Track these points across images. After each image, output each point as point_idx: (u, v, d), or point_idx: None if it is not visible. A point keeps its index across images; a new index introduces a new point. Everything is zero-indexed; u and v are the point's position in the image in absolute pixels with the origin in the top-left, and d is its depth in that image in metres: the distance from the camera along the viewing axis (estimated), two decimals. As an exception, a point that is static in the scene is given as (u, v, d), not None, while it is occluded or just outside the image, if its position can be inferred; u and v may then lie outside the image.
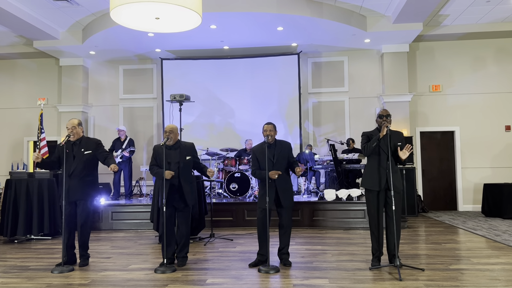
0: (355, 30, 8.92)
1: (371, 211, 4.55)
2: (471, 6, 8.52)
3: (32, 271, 4.64)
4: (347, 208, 7.47)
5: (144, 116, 10.92)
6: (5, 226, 6.57)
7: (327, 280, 4.11)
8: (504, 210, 8.37)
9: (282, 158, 4.68)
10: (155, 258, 5.21)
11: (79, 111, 10.59)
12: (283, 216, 4.68)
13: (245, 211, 7.59)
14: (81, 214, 4.72)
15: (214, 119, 10.53)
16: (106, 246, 6.10)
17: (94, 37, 9.16)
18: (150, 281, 4.16)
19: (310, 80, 10.57)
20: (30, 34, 9.15)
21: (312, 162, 8.94)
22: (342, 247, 5.72)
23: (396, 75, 9.91)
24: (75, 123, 4.76)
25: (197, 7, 5.12)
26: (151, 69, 10.95)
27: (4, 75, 11.22)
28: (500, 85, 10.09)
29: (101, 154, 4.83)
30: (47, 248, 6.02)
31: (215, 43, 9.79)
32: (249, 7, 8.02)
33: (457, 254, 5.17)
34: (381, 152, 4.50)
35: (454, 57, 10.24)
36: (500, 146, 9.99)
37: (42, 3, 8.13)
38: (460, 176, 10.04)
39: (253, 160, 4.81)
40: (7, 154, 11.09)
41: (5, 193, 6.68)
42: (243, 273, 4.40)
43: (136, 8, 5.08)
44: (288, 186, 4.71)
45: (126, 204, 7.82)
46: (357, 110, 10.39)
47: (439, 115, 10.19)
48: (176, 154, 4.74)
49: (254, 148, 4.82)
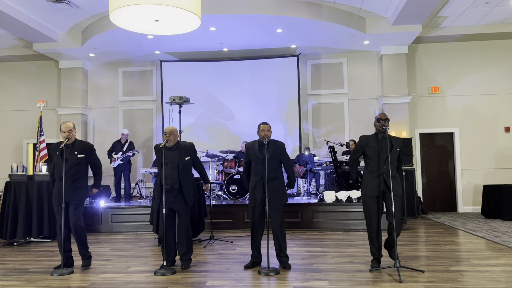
0: (354, 31, 8.94)
1: (368, 214, 4.52)
2: (470, 7, 8.54)
3: (31, 274, 4.64)
4: (346, 210, 7.46)
5: (143, 118, 10.92)
6: (4, 229, 6.56)
7: (327, 282, 4.10)
8: (504, 211, 8.36)
9: (274, 158, 4.67)
10: (155, 261, 5.20)
11: (79, 114, 10.58)
12: (272, 216, 4.63)
13: (244, 213, 7.59)
14: (73, 215, 4.69)
15: (213, 121, 10.53)
16: (105, 248, 6.09)
17: (94, 40, 9.17)
18: (150, 284, 4.15)
19: (309, 81, 10.58)
20: (29, 36, 9.15)
21: (312, 163, 8.94)
22: (342, 249, 5.72)
23: (395, 76, 9.92)
24: (71, 127, 4.77)
25: (196, 9, 5.13)
26: (150, 71, 10.96)
27: (4, 78, 11.22)
28: (499, 86, 10.10)
29: (93, 163, 4.90)
30: (47, 251, 6.01)
31: (215, 45, 9.80)
32: (248, 9, 8.03)
33: (457, 255, 5.17)
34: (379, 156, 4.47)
35: (453, 59, 10.25)
36: (499, 147, 9.99)
37: (41, 5, 8.14)
38: (459, 178, 10.04)
39: (245, 156, 4.83)
40: (7, 156, 11.08)
41: (4, 195, 6.68)
42: (243, 276, 4.40)
43: (135, 10, 5.09)
44: (277, 186, 4.66)
45: (125, 206, 7.81)
46: (357, 111, 10.40)
47: (439, 117, 10.20)
48: (175, 155, 4.74)
49: (248, 145, 4.81)
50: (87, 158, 4.81)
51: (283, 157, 4.74)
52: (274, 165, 4.68)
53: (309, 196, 8.82)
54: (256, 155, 4.68)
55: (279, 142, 4.81)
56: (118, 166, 9.17)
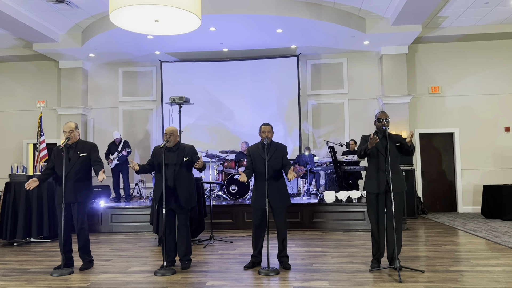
0: (354, 32, 8.94)
1: (371, 213, 4.56)
2: (470, 7, 8.54)
3: (31, 274, 4.64)
4: (346, 210, 7.46)
5: (143, 119, 10.92)
6: (4, 229, 6.56)
7: (327, 282, 4.10)
8: (504, 211, 8.37)
9: (275, 159, 4.70)
10: (155, 261, 5.20)
11: (79, 114, 10.58)
12: (275, 218, 4.69)
13: (244, 213, 7.58)
14: (77, 217, 4.69)
15: (213, 121, 10.53)
16: (105, 248, 6.09)
17: (94, 40, 9.17)
18: (150, 284, 4.15)
19: (309, 82, 10.58)
20: (29, 36, 9.15)
21: (312, 164, 8.94)
22: (342, 249, 5.72)
23: (395, 77, 9.92)
24: (72, 127, 4.76)
25: (196, 9, 5.13)
26: (150, 71, 10.96)
27: (4, 78, 11.22)
28: (499, 86, 10.10)
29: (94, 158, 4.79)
30: (47, 251, 6.01)
31: (215, 45, 9.80)
32: (248, 9, 8.03)
33: (457, 255, 5.17)
34: (379, 155, 4.52)
35: (453, 59, 10.25)
36: (499, 147, 9.99)
37: (41, 5, 8.14)
38: (459, 178, 10.04)
39: (248, 159, 4.85)
40: (7, 157, 11.08)
41: (4, 196, 6.68)
42: (242, 276, 4.39)
43: (135, 10, 5.09)
44: (279, 188, 4.70)
45: (125, 206, 7.81)
46: (357, 112, 10.40)
47: (439, 117, 10.20)
48: (174, 156, 4.74)
49: (251, 147, 4.86)
50: (89, 155, 4.78)
51: (284, 159, 4.75)
52: (276, 166, 4.70)
53: (309, 196, 8.82)
54: (259, 156, 4.70)
55: (281, 144, 4.85)
56: (115, 166, 9.22)
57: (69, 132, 4.74)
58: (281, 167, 4.74)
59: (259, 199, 4.65)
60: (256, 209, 4.68)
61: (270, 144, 4.73)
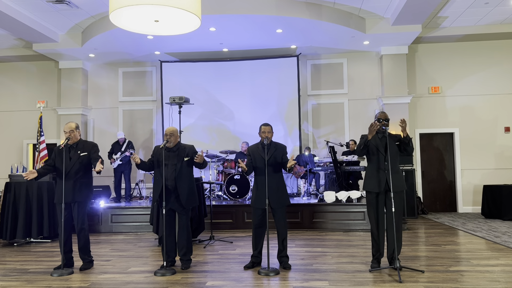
0: (354, 32, 8.94)
1: (371, 212, 4.56)
2: (470, 7, 8.54)
3: (31, 274, 4.64)
4: (346, 210, 7.46)
5: (143, 119, 10.92)
6: (4, 229, 6.56)
7: (327, 282, 4.10)
8: (504, 211, 8.37)
9: (275, 158, 4.71)
10: (155, 261, 5.20)
11: (79, 114, 10.58)
12: (275, 218, 4.70)
13: (244, 213, 7.59)
14: (77, 217, 4.68)
15: (213, 121, 10.53)
16: (105, 248, 6.09)
17: (94, 40, 9.17)
18: (150, 284, 4.15)
19: (309, 82, 10.58)
20: (29, 37, 9.15)
21: (312, 164, 8.94)
22: (342, 249, 5.72)
23: (395, 77, 9.92)
24: (73, 127, 4.76)
25: (196, 9, 5.13)
26: (150, 71, 10.96)
27: (4, 78, 11.22)
28: (499, 86, 10.10)
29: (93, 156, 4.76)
30: (47, 251, 6.01)
31: (215, 45, 9.80)
32: (248, 9, 8.03)
33: (457, 255, 5.17)
34: (379, 154, 4.53)
35: (453, 59, 10.25)
36: (499, 147, 9.99)
37: (41, 6, 8.14)
38: (459, 178, 10.04)
39: (248, 158, 4.86)
40: (7, 157, 11.08)
41: (4, 196, 6.68)
42: (242, 276, 4.40)
43: (135, 10, 5.09)
44: (279, 188, 4.71)
45: (125, 206, 7.81)
46: (357, 112, 10.40)
47: (439, 117, 10.20)
48: (174, 156, 4.75)
49: (251, 147, 4.87)
50: (89, 154, 4.77)
51: (283, 159, 4.76)
52: (276, 165, 4.72)
53: (309, 196, 8.82)
54: (259, 156, 4.71)
55: (280, 144, 4.86)
56: (118, 166, 9.21)
57: (70, 132, 4.74)
58: (281, 167, 4.76)
59: (259, 199, 4.66)
60: (256, 209, 4.70)
61: (270, 144, 4.74)
